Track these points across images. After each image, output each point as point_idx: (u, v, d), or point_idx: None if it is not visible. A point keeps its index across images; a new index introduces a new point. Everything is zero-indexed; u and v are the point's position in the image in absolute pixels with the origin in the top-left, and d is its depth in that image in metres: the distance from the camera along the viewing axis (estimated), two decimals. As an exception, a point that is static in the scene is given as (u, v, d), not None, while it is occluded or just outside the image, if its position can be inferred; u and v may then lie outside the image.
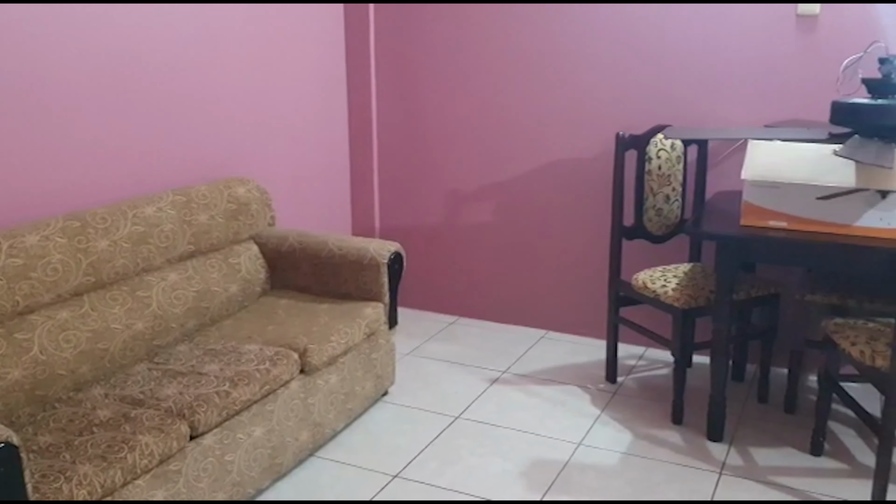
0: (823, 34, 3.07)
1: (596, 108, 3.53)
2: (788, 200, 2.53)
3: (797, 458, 2.72)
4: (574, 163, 3.63)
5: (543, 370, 3.45)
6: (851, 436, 2.88)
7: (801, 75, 3.14)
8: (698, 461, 2.70)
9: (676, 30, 3.30)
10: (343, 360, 2.78)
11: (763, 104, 3.23)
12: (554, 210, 3.73)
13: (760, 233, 2.56)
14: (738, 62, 3.24)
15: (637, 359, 3.59)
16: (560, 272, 3.79)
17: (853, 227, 2.47)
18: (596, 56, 3.47)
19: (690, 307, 2.88)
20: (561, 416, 3.03)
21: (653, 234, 3.25)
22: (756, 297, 2.97)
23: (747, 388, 3.28)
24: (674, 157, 3.21)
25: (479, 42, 3.69)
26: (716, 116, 3.32)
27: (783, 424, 2.96)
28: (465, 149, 3.85)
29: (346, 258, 3.00)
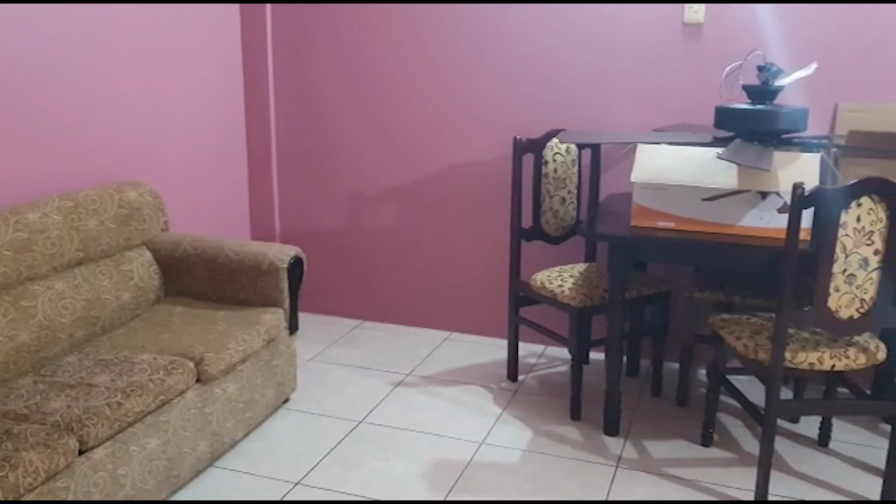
0: (708, 42, 3.21)
1: (494, 112, 3.58)
2: (675, 202, 2.63)
3: (689, 450, 2.83)
4: (474, 166, 3.68)
5: (447, 371, 3.48)
6: (738, 426, 3.02)
7: (687, 81, 3.28)
8: (596, 456, 2.78)
9: (571, 36, 3.39)
10: (241, 367, 2.73)
11: (653, 109, 3.35)
12: (455, 213, 3.76)
13: (649, 233, 2.66)
14: (629, 69, 3.35)
15: (537, 357, 3.66)
16: (462, 274, 3.83)
17: (736, 226, 2.60)
18: (494, 61, 3.53)
19: (586, 306, 2.96)
20: (464, 417, 3.05)
21: (550, 236, 3.32)
22: (648, 294, 3.07)
23: (642, 382, 3.40)
24: (569, 161, 3.29)
25: (378, 44, 3.69)
26: (609, 121, 3.42)
27: (675, 417, 3.08)
28: (367, 151, 3.84)
29: (244, 263, 2.95)
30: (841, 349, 2.40)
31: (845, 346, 2.42)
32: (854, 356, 2.39)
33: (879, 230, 2.23)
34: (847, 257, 2.24)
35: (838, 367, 2.39)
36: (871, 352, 2.43)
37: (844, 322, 2.32)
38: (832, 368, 2.39)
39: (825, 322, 2.31)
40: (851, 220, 2.21)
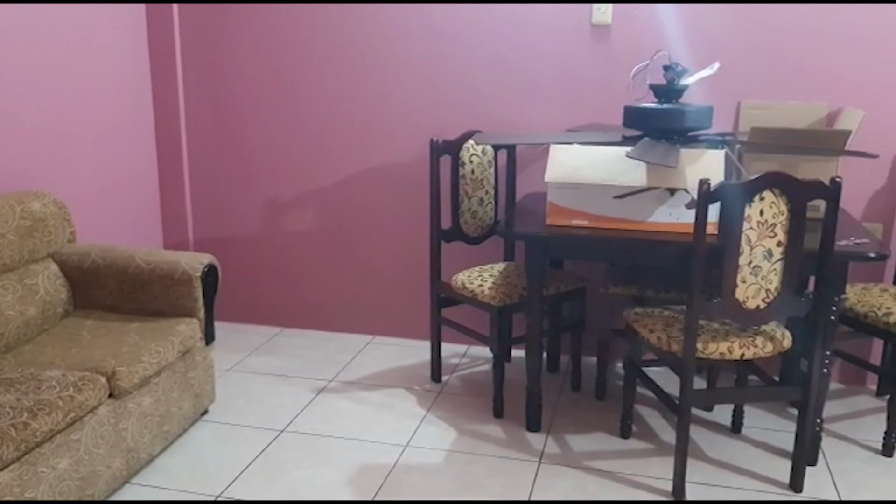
0: (616, 43, 3.29)
1: (411, 114, 3.58)
2: (588, 200, 2.68)
3: (608, 442, 2.89)
4: (391, 168, 3.67)
5: (370, 376, 3.46)
6: (656, 416, 3.10)
7: (597, 81, 3.35)
8: (519, 452, 2.81)
9: (484, 38, 3.42)
10: (156, 380, 2.65)
11: (565, 109, 3.41)
12: (374, 216, 3.75)
13: (564, 231, 2.70)
14: (541, 70, 3.40)
15: (461, 357, 3.68)
16: (384, 277, 3.82)
17: (647, 222, 2.66)
18: (410, 62, 3.53)
19: (505, 304, 2.99)
20: (388, 420, 3.04)
21: (469, 236, 3.34)
22: (565, 291, 3.13)
23: (562, 378, 3.45)
24: (485, 162, 3.32)
25: (291, 44, 3.64)
26: (524, 121, 3.46)
27: (595, 411, 3.14)
28: (282, 155, 3.79)
29: (156, 273, 2.86)
30: (749, 338, 2.49)
31: (753, 336, 2.51)
32: (762, 344, 2.49)
33: (781, 223, 2.33)
34: (752, 250, 2.33)
35: (747, 355, 2.47)
36: (778, 340, 2.53)
37: (751, 312, 2.41)
38: (741, 357, 2.47)
39: (733, 313, 2.40)
40: (755, 214, 2.29)
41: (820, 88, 3.16)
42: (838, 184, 2.29)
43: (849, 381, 3.43)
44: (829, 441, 2.91)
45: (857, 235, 2.64)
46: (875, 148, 3.14)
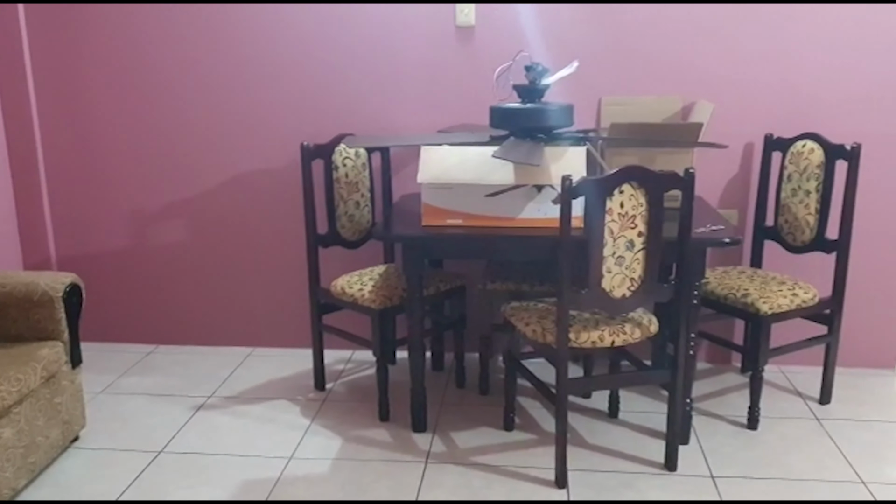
0: (480, 44, 3.34)
1: (282, 118, 3.53)
2: (461, 199, 2.71)
3: (493, 436, 2.94)
4: (263, 174, 3.60)
5: (251, 389, 3.38)
6: (538, 407, 3.17)
7: (465, 82, 3.39)
8: (405, 454, 2.81)
9: (352, 40, 3.41)
10: (18, 409, 2.50)
11: (436, 110, 3.44)
12: (249, 224, 3.67)
13: (440, 231, 2.73)
14: (410, 72, 3.42)
15: (345, 363, 3.65)
16: (261, 287, 3.74)
17: (518, 219, 2.72)
18: (278, 65, 3.47)
19: (386, 307, 2.99)
20: (271, 433, 2.98)
21: (347, 240, 3.32)
22: (445, 290, 3.16)
23: (447, 376, 3.49)
24: (359, 165, 3.31)
25: (150, 47, 3.51)
26: (396, 123, 3.47)
27: (479, 406, 3.19)
28: (148, 165, 3.65)
29: (13, 295, 2.70)
30: (618, 326, 2.59)
31: (622, 323, 2.61)
32: (630, 331, 2.59)
33: (641, 214, 2.43)
34: (615, 241, 2.42)
35: (617, 342, 2.57)
36: (645, 325, 2.63)
37: (618, 300, 2.50)
38: (612, 344, 2.57)
39: (601, 302, 2.48)
40: (616, 207, 2.38)
41: (674, 83, 3.32)
42: (692, 174, 2.41)
43: (716, 360, 3.61)
44: (699, 419, 3.06)
45: (713, 222, 2.78)
46: (726, 138, 3.33)
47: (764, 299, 2.88)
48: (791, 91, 3.28)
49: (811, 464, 2.73)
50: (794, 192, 3.14)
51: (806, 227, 3.11)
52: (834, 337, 3.09)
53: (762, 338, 2.88)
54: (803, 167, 3.10)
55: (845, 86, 3.25)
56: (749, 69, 3.28)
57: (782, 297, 2.91)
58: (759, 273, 3.17)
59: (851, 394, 3.27)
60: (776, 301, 2.89)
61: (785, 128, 3.27)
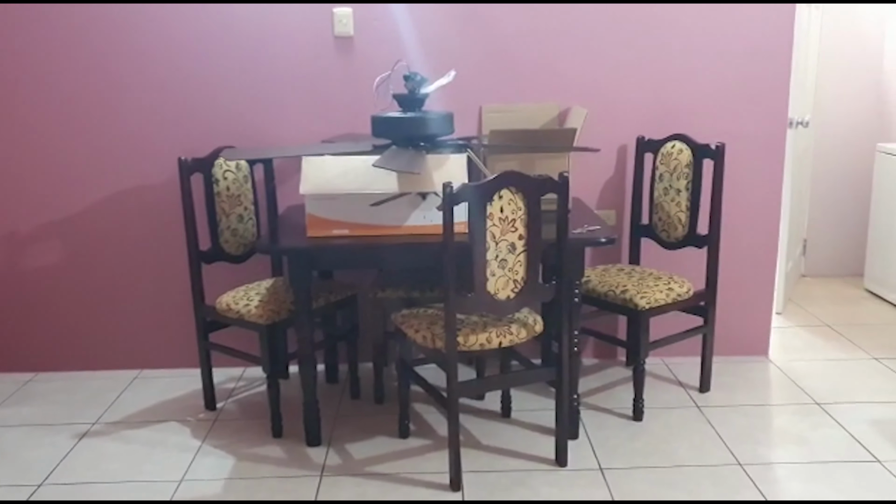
0: (360, 53, 3.36)
1: (159, 132, 3.43)
2: (346, 209, 2.71)
3: (388, 445, 2.94)
4: (142, 190, 3.49)
5: (139, 413, 3.27)
6: (432, 412, 3.20)
7: (347, 92, 3.40)
8: (300, 469, 2.78)
9: (229, 51, 3.35)
10: None
11: (319, 121, 3.42)
12: (129, 242, 3.55)
13: (326, 242, 2.71)
14: (291, 82, 3.39)
15: (237, 380, 3.58)
16: (146, 307, 3.62)
17: (404, 226, 2.74)
18: (153, 77, 3.38)
19: (274, 322, 2.95)
20: (160, 457, 2.89)
21: (232, 255, 3.26)
22: (335, 301, 3.14)
23: (342, 387, 3.47)
24: (241, 177, 3.26)
25: (16, 61, 3.35)
26: (278, 134, 3.44)
27: (375, 415, 3.19)
28: (16, 185, 3.48)
29: None
30: (505, 327, 2.64)
31: (509, 324, 2.66)
32: (517, 331, 2.65)
33: (520, 217, 2.49)
34: (497, 244, 2.47)
35: (505, 343, 2.62)
36: (531, 325, 2.70)
37: (503, 302, 2.55)
38: (500, 345, 2.62)
39: (487, 305, 2.53)
40: (496, 211, 2.44)
41: (551, 90, 3.42)
42: (566, 178, 2.49)
43: (603, 355, 3.74)
44: (588, 413, 3.16)
45: (589, 223, 2.89)
46: (601, 141, 3.45)
47: (641, 295, 3.01)
48: (659, 95, 3.44)
49: (693, 450, 2.86)
50: (665, 191, 3.30)
51: (678, 223, 3.26)
52: (709, 327, 3.25)
53: (641, 332, 3.00)
54: (673, 167, 3.26)
55: (709, 88, 3.43)
56: (620, 75, 3.42)
57: (658, 291, 3.05)
58: (636, 270, 3.31)
59: (728, 381, 3.45)
60: (653, 296, 3.02)
61: (655, 130, 3.43)
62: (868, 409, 3.16)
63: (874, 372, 3.51)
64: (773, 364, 3.63)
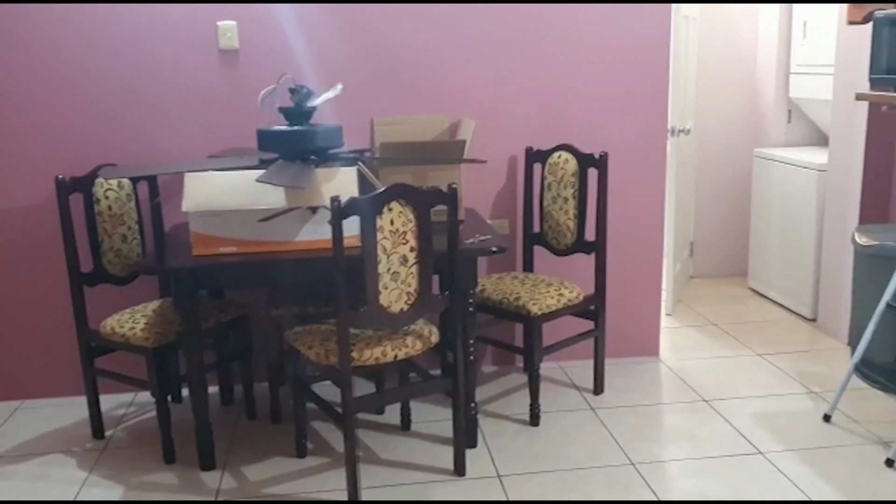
0: (245, 67, 3.30)
1: (36, 152, 3.27)
2: (233, 226, 2.65)
3: (285, 465, 2.89)
4: (19, 211, 3.32)
5: (20, 445, 3.10)
6: (331, 430, 3.16)
7: (233, 106, 3.33)
8: (193, 495, 2.69)
9: (110, 64, 3.23)
10: None
11: (205, 135, 3.34)
12: (6, 266, 3.36)
13: (213, 260, 2.64)
14: (175, 97, 3.30)
15: (127, 406, 3.44)
16: (27, 333, 3.44)
17: (295, 241, 2.70)
18: (32, 93, 3.22)
19: (161, 344, 2.85)
20: (43, 492, 2.75)
21: (117, 277, 3.14)
22: (227, 321, 3.06)
23: (237, 408, 3.38)
24: (123, 196, 3.14)
25: None
26: (163, 150, 3.33)
27: (271, 436, 3.12)
28: None
29: None
30: (400, 340, 2.63)
31: (404, 337, 2.66)
32: (412, 344, 2.64)
33: (411, 229, 2.49)
34: (389, 257, 2.47)
35: (400, 356, 2.62)
36: (426, 337, 2.70)
37: (396, 315, 2.55)
38: (395, 359, 2.61)
39: (381, 318, 2.52)
40: (386, 224, 2.43)
41: (443, 102, 3.45)
42: (454, 190, 2.51)
43: (501, 362, 3.78)
44: (487, 421, 3.19)
45: (481, 232, 2.92)
46: (492, 151, 3.50)
47: (534, 301, 3.06)
48: (547, 106, 3.52)
49: (588, 452, 2.93)
50: (554, 199, 3.37)
51: (567, 231, 3.34)
52: (600, 331, 3.34)
53: (535, 337, 3.05)
54: (560, 176, 3.33)
55: (593, 100, 3.53)
56: (510, 88, 3.47)
57: (550, 297, 3.11)
58: (530, 277, 3.36)
59: (622, 382, 3.55)
60: (545, 302, 3.07)
61: (543, 140, 3.50)
62: (751, 403, 3.30)
63: (757, 367, 3.68)
64: (664, 364, 3.75)
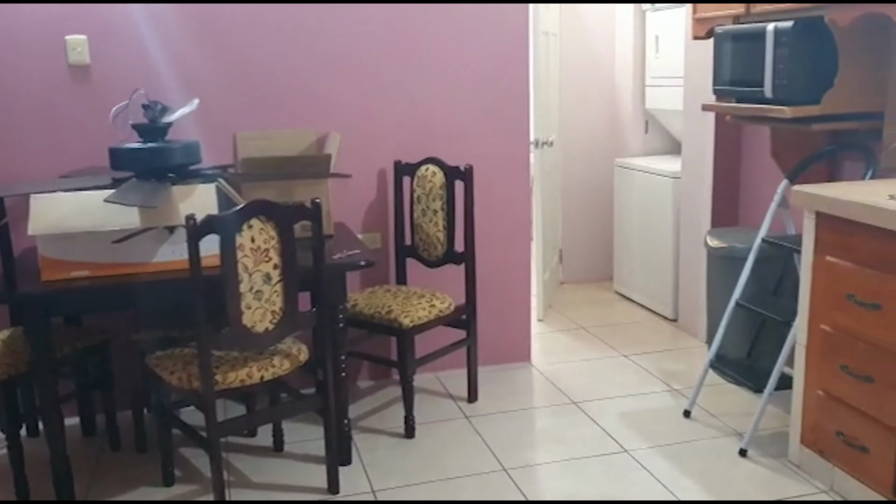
0: (98, 83, 3.16)
1: None
2: (85, 249, 2.53)
3: (151, 494, 2.77)
4: None
5: None
6: (201, 456, 3.04)
7: (86, 124, 3.18)
8: (49, 535, 2.55)
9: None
10: None
11: (55, 155, 3.18)
12: None
13: (64, 285, 2.51)
14: (21, 115, 3.13)
15: (-24, 445, 3.21)
16: None
17: (152, 263, 2.60)
18: None
19: (10, 376, 2.68)
20: None
21: (-41, 307, 2.93)
22: (83, 348, 2.91)
23: (101, 439, 3.22)
24: (-36, 220, 2.94)
25: None
26: (10, 171, 3.15)
27: (137, 465, 2.99)
28: None
29: None
30: (267, 360, 2.58)
31: (270, 357, 2.61)
32: (279, 364, 2.60)
33: (274, 247, 2.45)
34: (251, 276, 2.42)
35: (267, 377, 2.56)
36: (295, 355, 2.66)
37: (262, 335, 2.50)
38: (262, 380, 2.56)
39: (245, 339, 2.46)
40: (247, 242, 2.38)
41: (310, 116, 3.41)
42: (318, 205, 2.49)
43: (378, 376, 3.77)
44: (362, 436, 3.16)
45: (350, 247, 2.91)
46: (361, 165, 3.50)
47: (405, 313, 3.07)
48: (414, 119, 3.55)
49: (463, 460, 2.96)
50: (423, 212, 3.40)
51: (437, 243, 3.38)
52: (472, 339, 3.39)
53: (407, 349, 3.06)
54: (429, 189, 3.37)
55: (458, 113, 3.59)
56: (377, 101, 3.48)
57: (421, 309, 3.13)
58: (402, 289, 3.37)
59: (495, 389, 3.61)
60: (416, 314, 3.09)
61: (412, 154, 3.53)
62: (618, 403, 3.43)
63: (623, 368, 3.83)
64: (536, 369, 3.85)
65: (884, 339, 2.36)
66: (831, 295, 2.57)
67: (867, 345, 2.43)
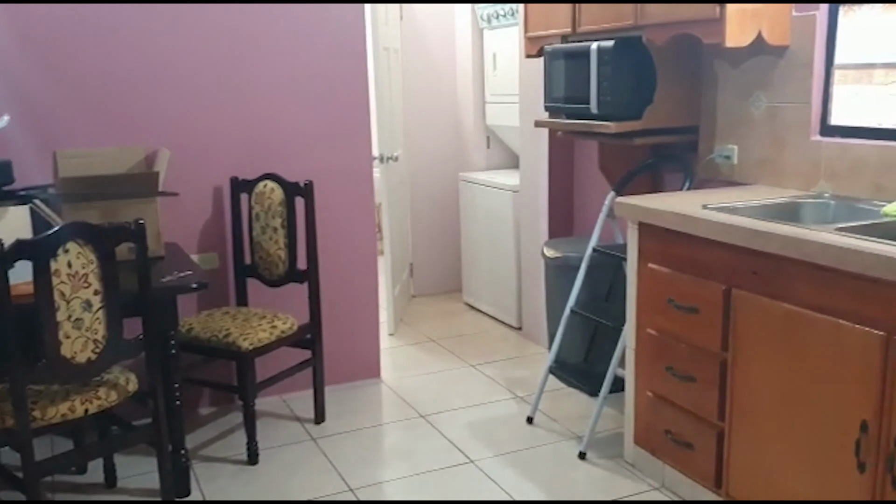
0: None
1: None
2: None
3: (-37, 547, 2.54)
4: None
5: None
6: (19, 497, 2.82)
7: None
8: None
9: None
10: None
11: None
12: None
13: None
14: None
15: None
16: None
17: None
18: None
19: None
20: None
21: None
22: None
23: None
24: None
25: None
26: None
27: (-54, 515, 2.73)
28: None
29: None
30: (91, 392, 2.43)
31: (95, 388, 2.45)
32: (105, 395, 2.44)
33: (93, 271, 2.31)
34: (69, 304, 2.26)
35: (92, 410, 2.41)
36: (122, 386, 2.52)
37: (83, 366, 2.34)
38: (86, 413, 2.40)
39: (65, 371, 2.30)
40: (63, 267, 2.23)
41: (139, 132, 3.25)
42: (141, 225, 2.37)
43: (220, 402, 3.63)
44: (202, 466, 3.03)
45: (181, 268, 2.78)
46: (195, 183, 3.36)
47: (244, 336, 2.98)
48: (251, 135, 3.45)
49: (308, 484, 2.89)
50: (263, 230, 3.32)
51: (279, 261, 3.30)
52: (318, 359, 3.33)
53: (247, 373, 2.97)
54: (267, 206, 3.29)
55: (297, 129, 3.53)
56: (211, 116, 3.37)
57: (262, 330, 3.04)
58: (242, 311, 3.27)
59: (343, 408, 3.56)
60: (256, 336, 3.01)
61: (249, 170, 3.43)
62: (465, 413, 3.47)
63: (470, 378, 3.88)
64: (385, 384, 3.83)
65: (702, 340, 2.51)
66: (655, 300, 2.71)
67: (688, 346, 2.58)
